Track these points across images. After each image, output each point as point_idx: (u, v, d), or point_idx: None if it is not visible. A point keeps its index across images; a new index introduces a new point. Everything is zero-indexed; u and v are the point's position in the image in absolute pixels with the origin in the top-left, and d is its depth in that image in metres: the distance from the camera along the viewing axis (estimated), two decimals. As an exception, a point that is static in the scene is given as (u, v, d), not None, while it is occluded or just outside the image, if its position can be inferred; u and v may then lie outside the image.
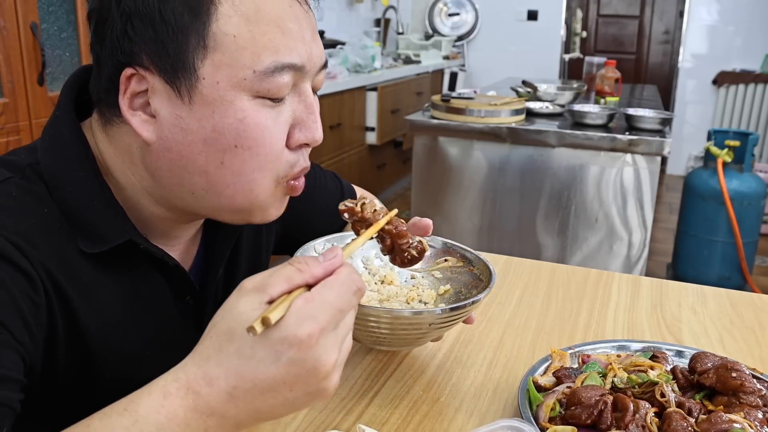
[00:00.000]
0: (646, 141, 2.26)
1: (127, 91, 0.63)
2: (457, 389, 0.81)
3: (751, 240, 3.20)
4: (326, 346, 0.49)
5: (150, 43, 0.61)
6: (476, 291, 0.84)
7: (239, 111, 0.62)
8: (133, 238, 0.67)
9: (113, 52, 0.62)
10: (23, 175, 0.65)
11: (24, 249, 0.59)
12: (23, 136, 2.14)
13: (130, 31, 0.61)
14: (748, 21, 5.30)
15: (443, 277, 0.90)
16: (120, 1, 0.61)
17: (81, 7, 2.29)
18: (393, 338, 0.76)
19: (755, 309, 1.06)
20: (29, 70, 2.12)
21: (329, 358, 0.50)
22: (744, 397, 0.68)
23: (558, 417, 0.69)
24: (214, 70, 0.61)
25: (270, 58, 0.62)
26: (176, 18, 0.60)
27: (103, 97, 0.66)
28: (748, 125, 5.36)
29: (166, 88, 0.62)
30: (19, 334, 0.57)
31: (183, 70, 0.61)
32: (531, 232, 2.48)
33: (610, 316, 1.02)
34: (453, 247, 0.91)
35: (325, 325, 0.49)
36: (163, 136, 0.64)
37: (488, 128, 2.43)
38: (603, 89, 3.25)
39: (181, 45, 0.61)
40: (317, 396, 0.51)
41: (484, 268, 0.85)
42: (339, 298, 0.51)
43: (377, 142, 4.28)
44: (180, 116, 0.63)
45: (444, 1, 6.11)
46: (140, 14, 0.60)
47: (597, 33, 5.91)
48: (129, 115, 0.63)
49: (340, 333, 0.51)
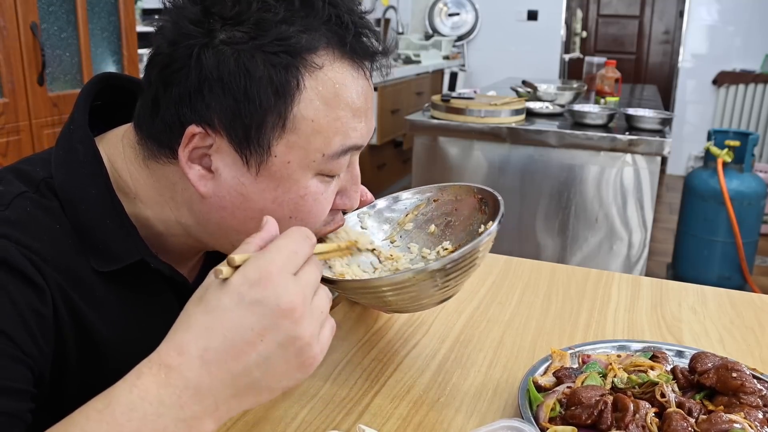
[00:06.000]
0: (646, 141, 2.26)
1: (189, 145, 0.62)
2: (457, 389, 0.81)
3: (751, 240, 3.20)
4: (286, 286, 0.51)
5: (226, 111, 0.60)
6: (466, 211, 0.83)
7: (302, 188, 0.64)
8: (145, 258, 0.67)
9: (180, 103, 0.62)
10: (37, 190, 0.65)
11: (36, 262, 0.59)
12: (23, 136, 2.14)
13: (206, 93, 0.60)
14: (748, 21, 5.30)
15: (418, 223, 0.88)
16: (200, 61, 0.59)
17: (81, 7, 2.29)
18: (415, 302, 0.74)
19: (755, 309, 1.06)
20: (29, 70, 2.12)
21: (292, 297, 0.50)
22: (744, 398, 0.68)
23: (558, 417, 0.69)
24: (287, 149, 0.62)
25: (339, 142, 0.64)
26: (261, 97, 0.60)
27: (153, 136, 0.66)
28: (748, 125, 5.35)
29: (233, 154, 0.62)
30: (26, 347, 0.57)
31: (256, 144, 0.61)
32: (531, 232, 2.48)
33: (610, 316, 1.01)
34: (404, 197, 0.89)
35: (281, 265, 0.51)
36: (220, 195, 0.64)
37: (488, 128, 2.43)
38: (603, 89, 3.25)
39: (260, 122, 0.61)
40: (293, 352, 0.51)
41: (456, 189, 0.85)
42: (291, 241, 0.54)
43: (377, 142, 4.28)
44: (242, 183, 0.63)
45: (444, 1, 6.11)
46: (221, 82, 0.59)
47: (597, 33, 5.91)
48: (187, 168, 0.63)
49: (304, 280, 0.52)
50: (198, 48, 0.59)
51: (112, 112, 0.75)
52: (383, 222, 0.89)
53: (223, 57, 0.59)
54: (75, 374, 0.64)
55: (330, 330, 0.55)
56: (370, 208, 0.88)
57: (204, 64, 0.59)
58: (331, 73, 0.62)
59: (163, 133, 0.64)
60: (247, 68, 0.59)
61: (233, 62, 0.59)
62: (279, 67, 0.60)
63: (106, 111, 0.74)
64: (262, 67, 0.59)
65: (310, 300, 0.52)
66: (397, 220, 0.88)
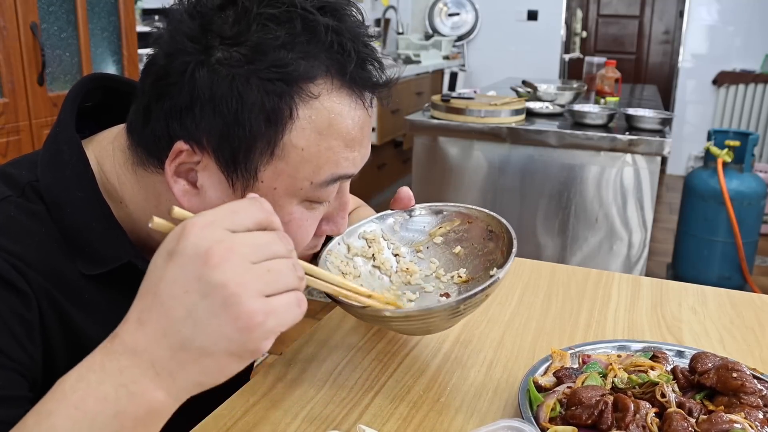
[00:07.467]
0: (646, 141, 2.26)
1: (176, 160, 0.62)
2: (457, 389, 0.81)
3: (751, 240, 3.20)
4: (210, 234, 0.47)
5: (214, 132, 0.59)
6: (492, 244, 0.84)
7: (287, 215, 0.63)
8: (132, 260, 0.66)
9: (170, 117, 0.61)
10: (22, 193, 0.64)
11: (19, 267, 0.59)
12: (23, 136, 2.14)
13: (197, 111, 0.59)
14: (748, 21, 5.30)
15: (448, 239, 0.88)
16: (194, 78, 0.58)
17: (81, 7, 2.29)
18: (431, 326, 0.77)
19: (755, 309, 1.06)
20: (29, 70, 2.12)
21: (210, 243, 0.47)
22: (745, 398, 0.68)
23: (558, 417, 0.69)
24: (274, 176, 0.61)
25: (328, 171, 0.62)
26: (251, 122, 0.59)
27: (143, 145, 0.65)
28: (748, 125, 5.35)
29: (219, 175, 0.61)
30: (14, 354, 0.56)
31: (243, 169, 0.61)
32: (531, 232, 2.48)
33: (611, 316, 1.01)
34: (445, 209, 0.89)
35: (211, 219, 0.48)
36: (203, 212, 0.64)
37: (488, 128, 2.43)
38: (603, 89, 3.25)
39: (248, 148, 0.60)
40: (218, 303, 0.46)
41: (491, 219, 0.85)
42: (234, 203, 0.50)
43: (377, 142, 4.28)
44: (225, 203, 0.62)
45: (444, 1, 6.11)
46: (213, 103, 0.58)
47: (597, 33, 5.91)
48: (172, 182, 0.62)
49: (241, 236, 0.48)
50: (193, 65, 0.58)
51: (103, 113, 0.74)
52: (415, 232, 0.90)
53: (217, 77, 0.58)
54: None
55: (292, 299, 0.49)
56: (408, 212, 0.90)
57: (197, 82, 0.58)
58: (328, 102, 0.61)
59: (152, 143, 0.63)
60: (240, 92, 0.58)
61: (227, 85, 0.58)
62: (273, 95, 0.58)
63: (98, 112, 0.74)
64: (256, 92, 0.58)
65: (243, 253, 0.48)
66: (429, 231, 0.89)
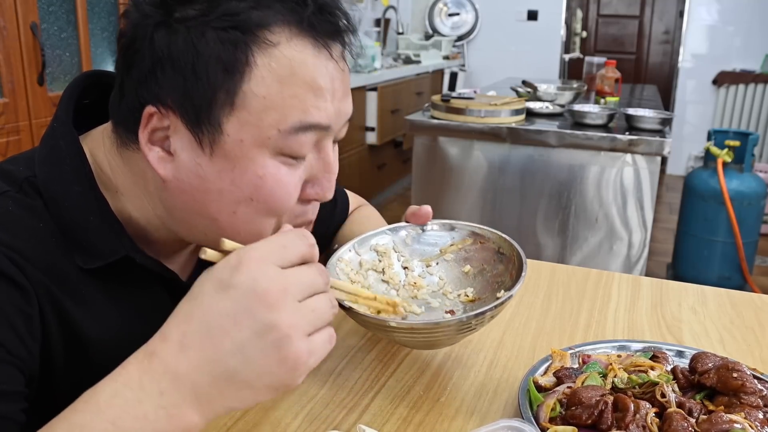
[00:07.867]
0: (646, 141, 2.26)
1: (148, 126, 0.62)
2: (457, 389, 0.81)
3: (751, 240, 3.20)
4: (265, 272, 0.50)
5: (177, 90, 0.60)
6: (501, 266, 0.84)
7: (260, 168, 0.62)
8: (130, 254, 0.66)
9: (138, 85, 0.61)
10: (20, 189, 0.64)
11: (18, 262, 0.59)
12: (23, 136, 2.14)
13: (159, 73, 0.60)
14: (748, 21, 5.30)
15: (459, 257, 0.89)
16: (153, 41, 0.59)
17: (81, 7, 2.29)
18: (440, 340, 0.78)
19: (755, 309, 1.06)
20: (29, 70, 2.12)
21: (268, 284, 0.49)
22: (745, 398, 0.68)
23: (558, 417, 0.69)
24: (239, 127, 0.61)
25: (296, 118, 0.61)
26: (209, 74, 0.59)
27: (121, 122, 0.65)
28: (748, 125, 5.36)
29: (188, 135, 0.61)
30: (14, 348, 0.56)
31: (207, 123, 0.60)
32: (531, 232, 2.48)
33: (610, 316, 1.01)
34: (458, 227, 0.90)
35: (264, 253, 0.51)
36: (180, 178, 0.63)
37: (488, 128, 2.43)
38: (603, 89, 3.25)
39: (209, 100, 0.60)
40: (270, 342, 0.49)
41: (502, 241, 0.85)
42: (282, 236, 0.54)
43: (377, 142, 4.28)
44: (199, 164, 0.62)
45: (444, 1, 6.11)
46: (171, 60, 0.59)
47: (597, 33, 5.91)
48: (147, 150, 0.62)
49: (291, 274, 0.51)
50: (152, 27, 0.59)
51: (101, 110, 0.74)
52: (427, 245, 0.90)
53: (174, 36, 0.59)
54: (64, 372, 0.64)
55: (327, 336, 0.53)
56: (421, 226, 0.90)
57: (156, 43, 0.59)
58: (287, 50, 0.60)
59: (129, 117, 0.64)
60: (195, 45, 0.58)
61: (182, 40, 0.58)
62: (228, 44, 0.59)
63: (96, 109, 0.74)
64: (212, 44, 0.58)
65: (294, 293, 0.51)
66: (441, 247, 0.90)
